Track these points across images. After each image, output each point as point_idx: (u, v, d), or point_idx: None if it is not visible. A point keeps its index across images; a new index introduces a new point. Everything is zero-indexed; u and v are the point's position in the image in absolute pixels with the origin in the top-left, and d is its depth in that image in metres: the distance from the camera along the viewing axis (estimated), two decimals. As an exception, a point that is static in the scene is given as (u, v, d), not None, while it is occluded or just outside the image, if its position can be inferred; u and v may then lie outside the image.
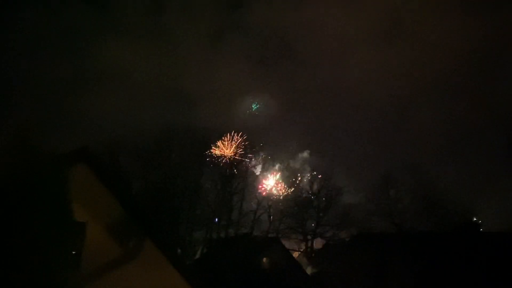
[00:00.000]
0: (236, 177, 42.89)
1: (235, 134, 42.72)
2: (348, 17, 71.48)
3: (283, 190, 45.16)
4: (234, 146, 42.25)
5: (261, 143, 44.58)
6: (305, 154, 53.25)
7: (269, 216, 42.93)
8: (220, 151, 41.96)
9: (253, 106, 53.31)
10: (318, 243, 42.04)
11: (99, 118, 46.68)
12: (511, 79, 62.62)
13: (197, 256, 39.25)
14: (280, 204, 43.84)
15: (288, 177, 46.34)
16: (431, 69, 63.83)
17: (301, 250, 42.49)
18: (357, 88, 63.60)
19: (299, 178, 47.12)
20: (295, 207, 43.31)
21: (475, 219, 37.36)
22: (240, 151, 42.69)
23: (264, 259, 34.62)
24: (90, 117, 47.91)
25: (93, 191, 11.92)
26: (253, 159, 44.50)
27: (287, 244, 41.00)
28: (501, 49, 60.93)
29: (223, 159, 42.13)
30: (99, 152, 33.93)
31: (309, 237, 41.89)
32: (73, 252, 11.59)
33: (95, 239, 11.94)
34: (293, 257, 39.24)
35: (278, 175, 45.85)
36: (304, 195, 44.48)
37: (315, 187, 44.26)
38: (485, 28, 62.96)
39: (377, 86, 63.76)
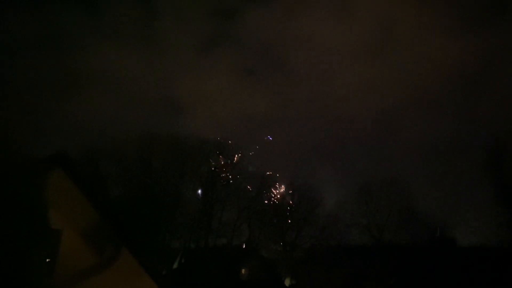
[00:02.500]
0: (217, 186, 42.77)
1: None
2: (339, 30, 72.76)
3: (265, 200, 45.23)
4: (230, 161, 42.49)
5: (240, 152, 44.57)
6: (287, 164, 53.53)
7: (249, 226, 42.83)
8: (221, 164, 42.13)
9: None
10: (297, 254, 42.05)
11: (81, 123, 46.15)
12: (494, 96, 64.37)
13: (175, 265, 38.79)
14: (260, 214, 43.81)
15: (268, 186, 46.44)
16: (416, 84, 65.28)
17: (281, 261, 42.43)
18: (343, 101, 64.61)
19: (282, 188, 47.27)
20: (275, 218, 43.34)
21: (451, 233, 37.99)
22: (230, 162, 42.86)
23: (243, 270, 34.46)
24: (72, 121, 47.33)
25: (70, 197, 11.71)
26: (235, 169, 44.50)
27: (266, 255, 40.92)
28: (487, 66, 62.66)
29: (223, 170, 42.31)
30: (78, 157, 33.46)
31: (288, 248, 41.88)
32: (48, 260, 11.35)
33: (70, 246, 11.71)
34: (272, 268, 39.13)
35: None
36: (284, 206, 44.57)
37: (295, 198, 44.41)
38: (473, 44, 64.74)
39: (362, 100, 64.86)
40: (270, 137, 54.85)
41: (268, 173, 49.50)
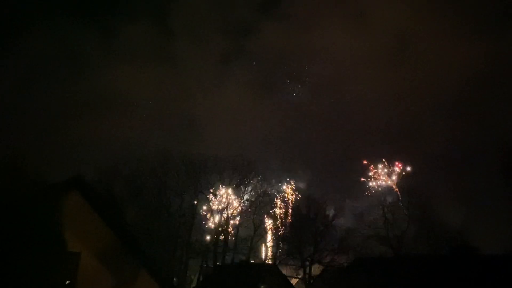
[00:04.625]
0: (232, 203, 42.81)
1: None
2: (354, 41, 72.59)
3: (281, 215, 45.04)
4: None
5: (253, 171, 44.43)
6: (303, 177, 53.37)
7: (266, 242, 42.58)
8: None
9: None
10: (316, 269, 41.56)
11: (96, 144, 46.74)
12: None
13: (193, 284, 38.69)
14: (278, 230, 43.58)
15: (285, 203, 46.28)
16: (434, 93, 64.50)
17: (299, 276, 41.98)
18: (360, 113, 64.20)
19: (296, 203, 47.08)
20: (292, 233, 43.03)
21: (472, 242, 37.26)
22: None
23: (262, 287, 34.18)
24: (88, 142, 47.96)
25: (87, 220, 11.92)
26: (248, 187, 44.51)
27: (285, 270, 40.53)
28: (504, 73, 61.88)
29: None
30: (95, 179, 33.88)
31: (307, 263, 41.46)
32: (67, 282, 11.52)
33: (89, 268, 11.87)
34: (292, 284, 38.73)
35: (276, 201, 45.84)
36: (301, 220, 44.27)
37: (312, 211, 44.09)
38: (490, 50, 64.10)
39: (379, 111, 64.39)
40: (287, 151, 54.89)
41: (285, 186, 49.49)
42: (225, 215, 41.90)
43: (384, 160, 54.71)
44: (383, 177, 54.60)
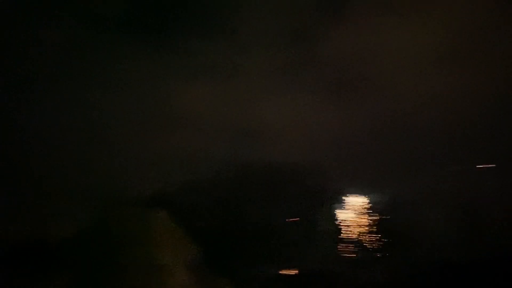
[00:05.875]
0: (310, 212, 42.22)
1: None
2: (415, 38, 69.16)
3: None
4: None
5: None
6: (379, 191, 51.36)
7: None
8: None
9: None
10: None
11: (171, 161, 48.12)
12: None
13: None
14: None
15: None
16: (495, 92, 58.79)
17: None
18: (424, 113, 60.30)
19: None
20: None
21: None
22: None
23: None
24: (164, 160, 49.48)
25: (172, 233, 12.35)
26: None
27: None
28: None
29: None
30: (175, 192, 35.09)
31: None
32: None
33: (176, 280, 12.23)
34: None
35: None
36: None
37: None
38: None
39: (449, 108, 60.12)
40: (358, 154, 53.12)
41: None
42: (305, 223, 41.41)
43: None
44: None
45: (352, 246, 39.22)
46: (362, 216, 40.98)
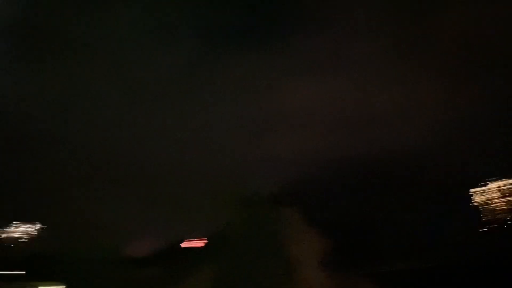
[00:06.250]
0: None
1: None
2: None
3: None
4: None
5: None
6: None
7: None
8: None
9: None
10: None
11: (286, 159, 48.49)
12: None
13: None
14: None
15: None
16: None
17: None
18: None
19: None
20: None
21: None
22: None
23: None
24: (279, 158, 49.94)
25: (301, 229, 12.92)
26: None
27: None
28: None
29: None
30: (295, 190, 35.80)
31: None
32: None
33: (308, 272, 12.79)
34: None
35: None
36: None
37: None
38: None
39: None
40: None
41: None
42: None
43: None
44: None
45: (496, 229, 36.88)
46: (504, 199, 38.10)
